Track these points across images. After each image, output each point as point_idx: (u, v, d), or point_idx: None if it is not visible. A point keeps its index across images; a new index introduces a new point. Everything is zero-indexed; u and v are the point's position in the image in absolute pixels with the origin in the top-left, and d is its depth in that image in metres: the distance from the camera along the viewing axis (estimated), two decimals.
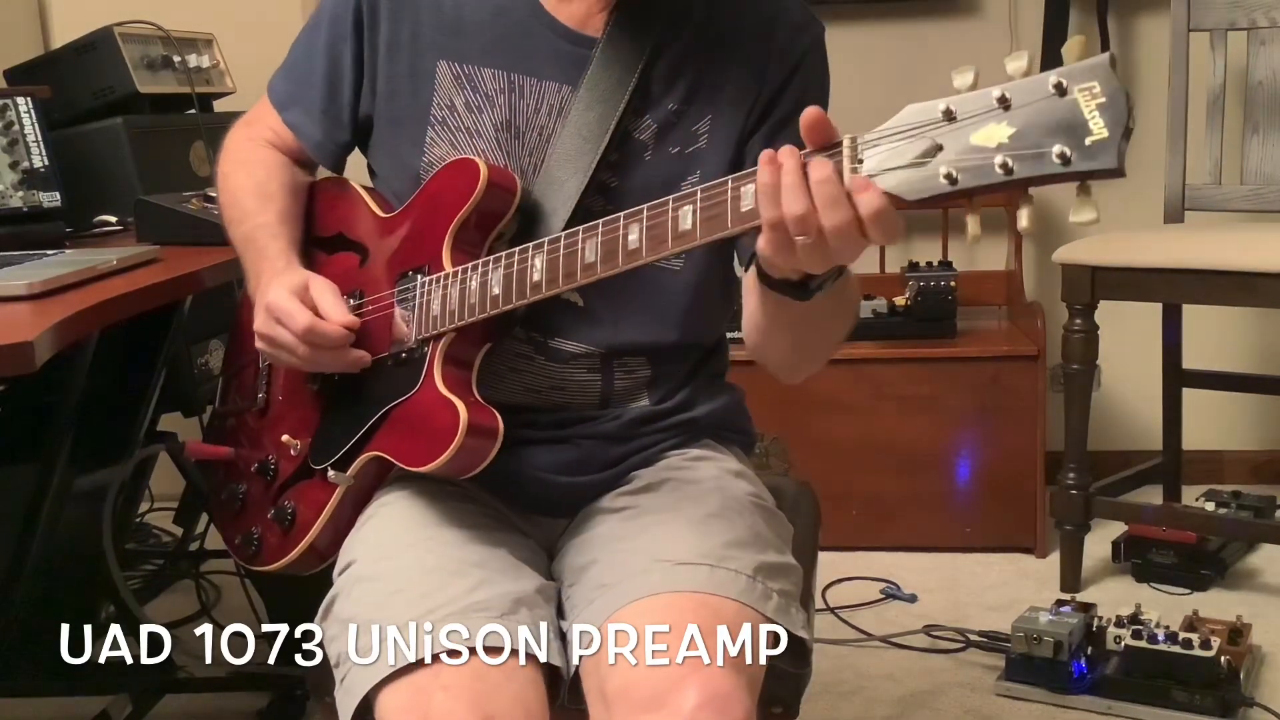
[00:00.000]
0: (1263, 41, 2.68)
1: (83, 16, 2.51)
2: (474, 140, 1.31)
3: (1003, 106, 0.91)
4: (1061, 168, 0.89)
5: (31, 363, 1.23)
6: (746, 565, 1.20)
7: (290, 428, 1.38)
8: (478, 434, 1.18)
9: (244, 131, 1.46)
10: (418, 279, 1.27)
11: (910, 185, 0.95)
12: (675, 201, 1.07)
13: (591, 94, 1.28)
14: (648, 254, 1.09)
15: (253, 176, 1.41)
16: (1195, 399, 2.94)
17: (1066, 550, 2.64)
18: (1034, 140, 0.89)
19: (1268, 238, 2.45)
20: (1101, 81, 0.88)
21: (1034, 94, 0.90)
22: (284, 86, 1.44)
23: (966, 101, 0.93)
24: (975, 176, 0.92)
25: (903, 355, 2.87)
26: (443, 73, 1.32)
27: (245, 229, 1.38)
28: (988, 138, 0.91)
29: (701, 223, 1.05)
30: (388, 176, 1.38)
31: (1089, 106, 0.88)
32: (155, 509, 2.96)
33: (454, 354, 1.24)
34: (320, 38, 1.39)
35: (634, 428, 1.34)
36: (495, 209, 1.27)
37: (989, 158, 0.91)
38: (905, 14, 3.17)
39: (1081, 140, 0.88)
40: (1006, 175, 0.90)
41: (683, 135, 1.30)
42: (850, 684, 2.29)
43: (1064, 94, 0.89)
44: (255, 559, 1.39)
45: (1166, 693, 2.11)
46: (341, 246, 1.39)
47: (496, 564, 1.22)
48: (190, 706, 2.25)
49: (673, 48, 1.30)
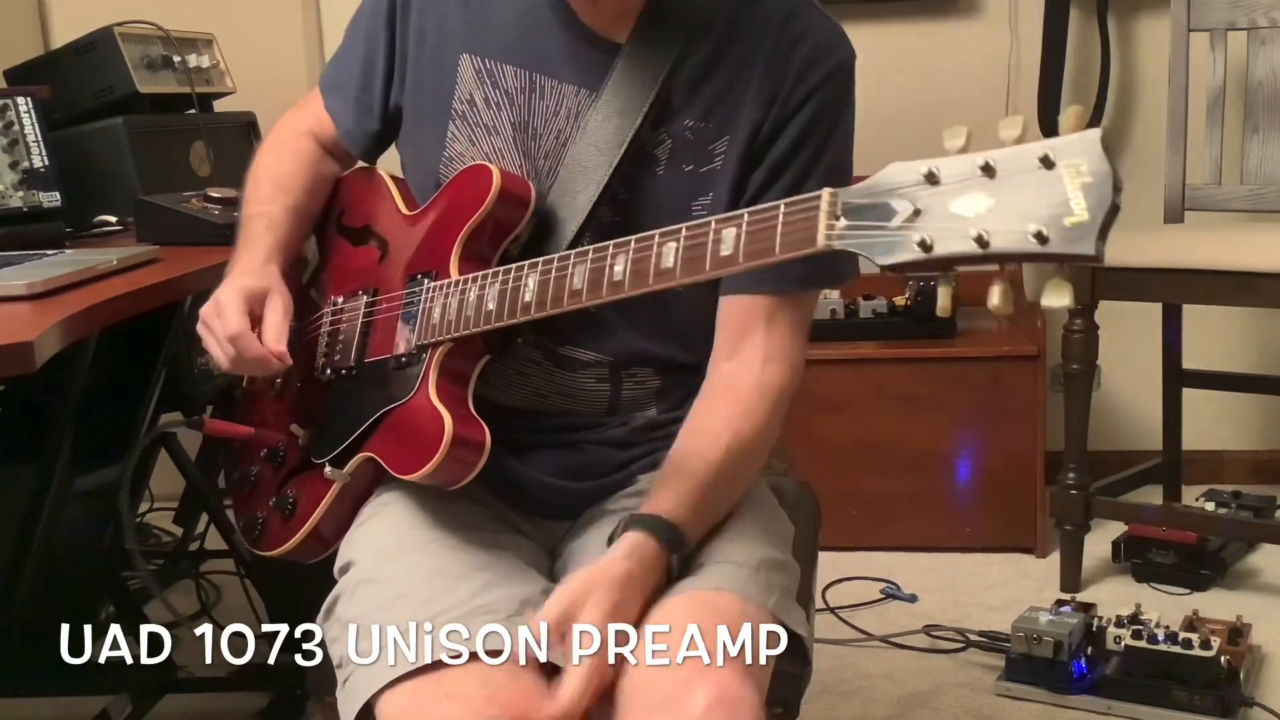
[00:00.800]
0: (1263, 41, 2.68)
1: (83, 16, 2.51)
2: (491, 137, 1.31)
3: (987, 174, 0.85)
4: (1038, 247, 0.83)
5: (31, 363, 1.23)
6: (749, 561, 1.20)
7: (300, 417, 1.38)
8: (462, 447, 1.18)
9: (292, 115, 1.49)
10: (425, 283, 1.27)
11: (885, 248, 0.90)
12: (661, 237, 1.06)
13: (611, 104, 1.26)
14: (630, 288, 1.07)
15: (280, 164, 1.44)
16: (1195, 399, 2.94)
17: (1066, 550, 2.64)
18: (1014, 214, 0.84)
19: (1268, 238, 2.45)
20: (1089, 160, 0.82)
21: (1019, 165, 0.84)
22: (330, 73, 1.46)
23: (951, 165, 0.87)
24: (948, 246, 0.87)
25: (903, 355, 2.86)
26: (465, 66, 1.32)
27: (251, 211, 1.40)
28: (966, 206, 0.86)
29: (682, 263, 1.03)
30: (413, 169, 1.38)
31: (1073, 185, 0.82)
32: (155, 509, 2.96)
33: (451, 364, 1.23)
34: (361, 27, 1.40)
35: (640, 434, 1.34)
36: (508, 219, 1.26)
37: (966, 228, 0.86)
38: (905, 14, 3.17)
39: (1061, 221, 0.82)
40: (981, 248, 0.85)
41: (698, 153, 1.28)
42: (850, 684, 2.29)
43: (1050, 168, 0.83)
44: (258, 543, 1.39)
45: (1166, 693, 2.11)
46: (367, 239, 1.40)
47: (501, 567, 1.22)
48: (190, 706, 2.25)
49: (694, 60, 1.27)
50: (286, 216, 1.40)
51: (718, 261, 1.01)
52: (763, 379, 1.28)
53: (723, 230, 1.01)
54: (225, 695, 2.22)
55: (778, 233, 0.97)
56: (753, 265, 1.00)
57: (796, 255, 0.96)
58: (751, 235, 0.99)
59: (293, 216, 1.40)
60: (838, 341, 2.90)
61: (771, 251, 0.98)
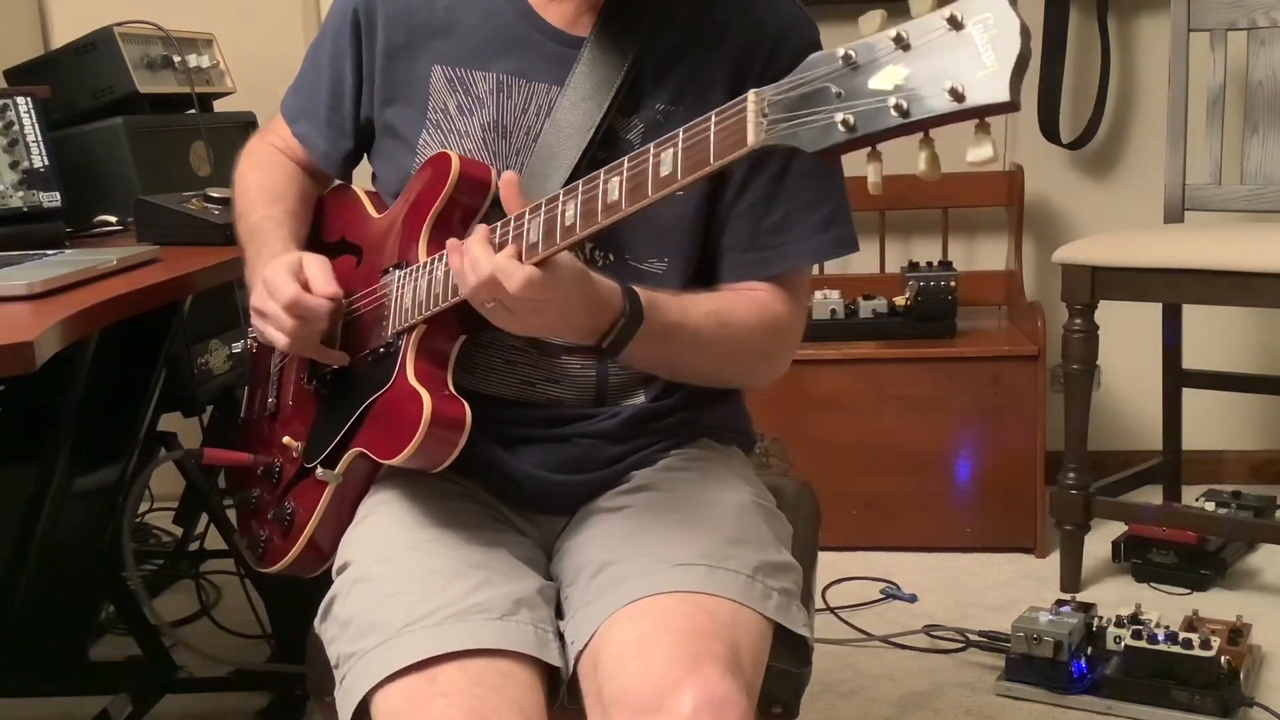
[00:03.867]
0: (1263, 41, 2.68)
1: (83, 16, 2.51)
2: (462, 141, 1.32)
3: (900, 47, 0.87)
4: (954, 104, 0.84)
5: (31, 363, 1.23)
6: (746, 565, 1.20)
7: (293, 430, 1.39)
8: (443, 425, 1.18)
9: (260, 140, 1.51)
10: (395, 274, 1.28)
11: (811, 136, 0.91)
12: (606, 174, 1.07)
13: (577, 92, 1.28)
14: (582, 229, 1.08)
15: (268, 176, 1.45)
16: (1195, 399, 2.94)
17: (1066, 550, 2.64)
18: (929, 79, 0.85)
19: (1268, 238, 2.45)
20: (994, 12, 0.83)
21: (930, 31, 0.86)
22: (293, 100, 1.48)
23: (866, 46, 0.89)
24: (871, 121, 0.88)
25: (903, 355, 2.86)
26: (437, 77, 1.34)
27: (252, 221, 1.40)
28: (885, 80, 0.87)
29: (627, 193, 1.05)
30: (387, 180, 1.40)
31: (982, 39, 0.83)
32: (155, 509, 2.96)
33: (427, 346, 1.24)
34: (324, 51, 1.42)
35: (632, 427, 1.33)
36: (471, 201, 1.28)
37: (884, 100, 0.87)
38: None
39: (974, 75, 0.84)
40: (902, 117, 0.87)
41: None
42: (850, 684, 2.29)
43: (959, 28, 0.85)
44: (262, 560, 1.40)
45: (1166, 693, 2.11)
46: (342, 250, 1.41)
47: (496, 565, 1.22)
48: (190, 706, 2.25)
49: (661, 47, 1.30)
50: (288, 218, 1.41)
51: (659, 182, 1.03)
52: (764, 300, 1.32)
53: (661, 152, 1.03)
54: (225, 695, 2.22)
55: (710, 141, 0.99)
56: (691, 179, 1.01)
57: (732, 159, 0.98)
58: (687, 150, 1.01)
59: (292, 219, 1.41)
60: (837, 341, 2.90)
61: (707, 161, 0.99)
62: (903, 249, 3.22)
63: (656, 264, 1.30)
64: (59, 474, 1.97)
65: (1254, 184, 2.70)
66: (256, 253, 1.36)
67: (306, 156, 1.46)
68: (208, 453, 1.51)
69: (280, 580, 1.40)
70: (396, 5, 1.36)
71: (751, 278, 1.32)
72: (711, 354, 1.29)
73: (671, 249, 1.31)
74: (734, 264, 1.33)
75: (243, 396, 1.57)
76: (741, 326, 1.29)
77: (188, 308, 2.08)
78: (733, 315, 1.29)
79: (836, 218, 1.34)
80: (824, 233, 1.33)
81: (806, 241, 1.33)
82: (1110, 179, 3.18)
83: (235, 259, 1.43)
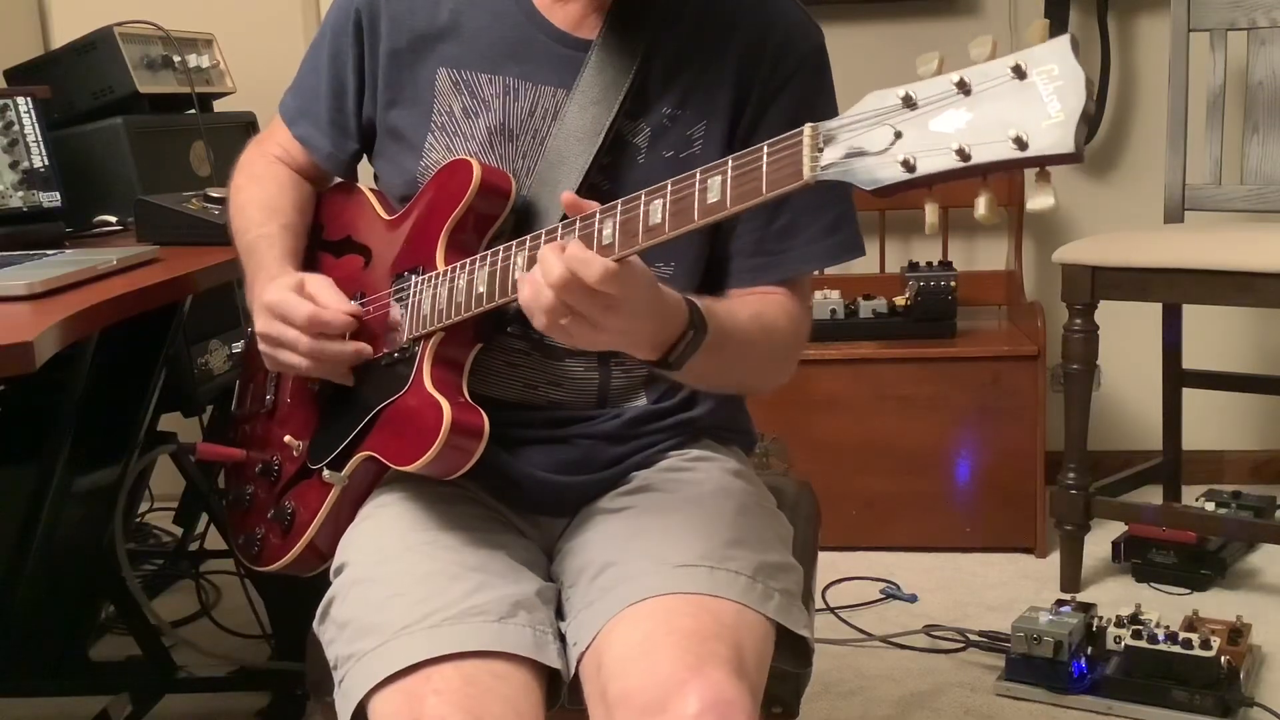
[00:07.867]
0: (1263, 41, 2.68)
1: (83, 16, 2.51)
2: (468, 144, 1.32)
3: (962, 91, 0.88)
4: (1018, 152, 0.86)
5: (31, 363, 1.23)
6: (746, 566, 1.20)
7: (294, 429, 1.38)
8: (462, 433, 1.18)
9: (257, 149, 1.50)
10: (412, 279, 1.28)
11: (869, 174, 0.92)
12: (648, 196, 1.06)
13: (585, 96, 1.28)
14: (621, 249, 1.06)
15: (263, 190, 1.44)
16: (1195, 399, 2.94)
17: (1066, 550, 2.64)
18: (992, 125, 0.87)
19: (1268, 238, 2.45)
20: (1059, 64, 0.85)
21: (993, 78, 0.87)
22: (293, 102, 1.47)
23: (926, 87, 0.90)
24: (932, 163, 0.89)
25: (903, 355, 2.86)
26: (442, 80, 1.33)
27: (249, 239, 1.40)
28: (947, 124, 0.89)
29: (670, 217, 1.04)
30: (390, 181, 1.39)
31: (1047, 89, 0.85)
32: (155, 509, 2.96)
33: (444, 354, 1.24)
34: (324, 52, 1.41)
35: (633, 427, 1.33)
36: (490, 210, 1.27)
37: (947, 144, 0.88)
38: (905, 14, 3.17)
39: (1039, 124, 0.85)
40: (963, 161, 0.87)
41: (677, 140, 1.30)
42: (850, 684, 2.29)
43: (1023, 77, 0.86)
44: (258, 559, 1.39)
45: (1166, 693, 2.11)
46: (348, 250, 1.40)
47: (495, 567, 1.22)
48: (190, 706, 2.25)
49: (667, 50, 1.30)
50: (284, 234, 1.40)
51: (705, 209, 1.02)
52: (784, 303, 1.31)
53: (708, 179, 1.02)
54: (225, 695, 2.22)
55: (763, 172, 0.98)
56: (742, 208, 1.00)
57: (786, 191, 0.97)
58: (737, 179, 1.00)
59: (289, 233, 1.40)
60: (837, 341, 2.90)
61: (759, 191, 0.99)
62: (903, 249, 3.22)
63: (664, 268, 1.30)
64: (59, 474, 1.97)
65: (1254, 184, 2.70)
66: (254, 274, 1.36)
67: (308, 159, 1.45)
68: (201, 447, 1.51)
69: (280, 580, 1.39)
70: (400, 6, 1.35)
71: (759, 282, 1.32)
72: (753, 360, 1.27)
73: (680, 252, 1.30)
74: (741, 268, 1.32)
75: (234, 389, 1.56)
76: (777, 329, 1.28)
77: (188, 308, 2.08)
78: (769, 318, 1.28)
79: (843, 222, 1.34)
80: (830, 237, 1.33)
81: (813, 246, 1.32)
82: (1110, 179, 3.18)
83: (235, 259, 1.43)
